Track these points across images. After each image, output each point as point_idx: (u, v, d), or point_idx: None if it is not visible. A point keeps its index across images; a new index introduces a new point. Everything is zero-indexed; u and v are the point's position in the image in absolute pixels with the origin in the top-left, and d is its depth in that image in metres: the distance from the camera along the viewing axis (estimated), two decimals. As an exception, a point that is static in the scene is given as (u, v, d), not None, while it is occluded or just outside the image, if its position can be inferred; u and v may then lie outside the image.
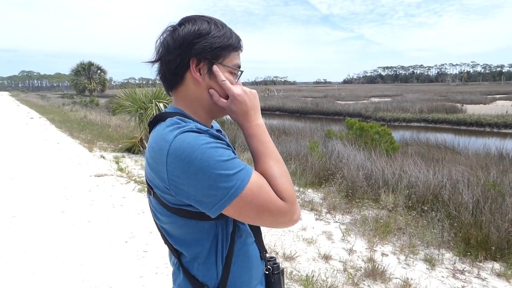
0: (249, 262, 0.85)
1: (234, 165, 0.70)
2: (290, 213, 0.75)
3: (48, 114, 17.96)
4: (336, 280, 2.70)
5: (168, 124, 0.75)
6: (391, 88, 68.08)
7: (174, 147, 0.69)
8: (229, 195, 0.69)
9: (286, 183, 0.76)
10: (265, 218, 0.74)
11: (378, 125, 8.15)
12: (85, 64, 45.65)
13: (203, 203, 0.70)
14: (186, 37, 0.78)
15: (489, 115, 18.67)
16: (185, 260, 0.82)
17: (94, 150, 8.15)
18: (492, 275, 2.85)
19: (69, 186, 5.17)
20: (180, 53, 0.78)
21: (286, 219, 0.75)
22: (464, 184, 4.31)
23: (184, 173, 0.68)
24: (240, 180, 0.69)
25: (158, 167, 0.72)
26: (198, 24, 0.80)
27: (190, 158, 0.68)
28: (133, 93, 7.64)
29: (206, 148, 0.69)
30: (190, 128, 0.72)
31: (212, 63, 0.80)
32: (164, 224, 0.82)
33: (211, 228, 0.78)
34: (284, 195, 0.74)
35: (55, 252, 3.10)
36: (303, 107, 27.00)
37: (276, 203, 0.73)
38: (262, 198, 0.72)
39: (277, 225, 0.77)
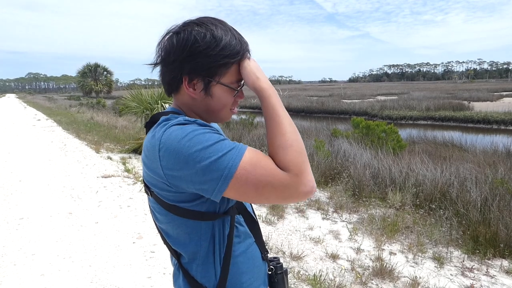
0: (249, 263, 0.84)
1: (223, 147, 0.68)
2: (295, 184, 0.68)
3: (55, 116, 18.14)
4: (344, 279, 2.69)
5: (160, 122, 0.76)
6: (397, 86, 67.60)
7: (163, 141, 0.70)
8: (223, 177, 0.67)
9: (290, 153, 0.70)
10: (268, 194, 0.69)
11: (384, 124, 8.10)
12: (92, 65, 46.05)
13: (203, 189, 0.70)
14: (178, 53, 0.76)
15: (496, 112, 18.47)
16: (184, 261, 0.82)
17: (101, 151, 8.21)
18: (501, 273, 2.82)
19: (76, 187, 5.22)
20: (173, 68, 0.78)
21: (291, 192, 0.69)
22: (472, 182, 4.27)
23: (177, 164, 0.68)
24: (231, 160, 0.67)
25: (153, 164, 0.73)
26: (192, 36, 0.75)
27: (178, 148, 0.68)
28: (139, 94, 7.68)
29: (192, 136, 0.68)
30: (178, 121, 0.72)
31: (208, 81, 0.78)
32: (163, 224, 0.82)
33: (208, 228, 0.78)
34: (286, 165, 0.69)
35: (63, 254, 3.13)
36: (309, 106, 26.93)
37: (276, 175, 0.68)
38: (259, 173, 0.67)
39: (285, 200, 0.71)
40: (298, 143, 0.72)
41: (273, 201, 0.72)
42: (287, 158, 0.69)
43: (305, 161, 0.71)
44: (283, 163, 0.69)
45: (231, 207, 0.81)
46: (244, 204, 0.87)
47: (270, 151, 0.72)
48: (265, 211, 4.13)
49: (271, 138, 0.73)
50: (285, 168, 0.69)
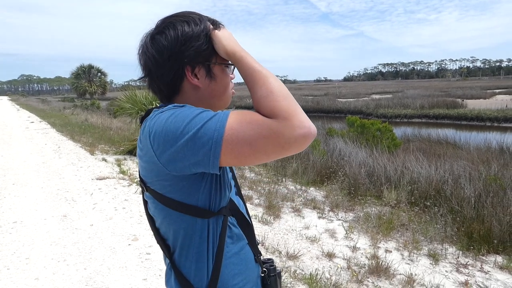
0: (241, 265, 0.84)
1: (208, 114, 0.68)
2: (288, 128, 0.64)
3: (49, 118, 17.98)
4: (340, 278, 2.70)
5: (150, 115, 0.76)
6: (392, 85, 68.00)
7: (151, 126, 0.71)
8: (213, 141, 0.65)
9: (273, 100, 0.67)
10: (264, 147, 0.66)
11: (379, 122, 8.15)
12: (85, 67, 45.71)
13: (199, 161, 0.68)
14: (172, 47, 0.76)
15: (489, 110, 18.68)
16: (176, 260, 0.82)
17: (96, 153, 8.16)
18: (495, 268, 2.85)
19: (71, 190, 5.18)
20: (172, 65, 0.77)
21: (286, 138, 0.65)
22: (466, 179, 4.31)
23: (167, 143, 0.67)
24: (218, 123, 0.66)
25: (148, 154, 0.72)
26: (178, 28, 0.76)
27: (165, 128, 0.68)
28: (134, 96, 7.65)
29: (178, 113, 0.69)
30: (167, 108, 0.72)
31: (208, 65, 0.80)
32: (158, 220, 0.82)
33: (203, 227, 0.78)
34: (271, 112, 0.66)
35: (57, 257, 3.10)
36: (304, 106, 26.93)
37: (263, 124, 0.65)
38: (247, 128, 0.65)
39: (284, 149, 0.66)
40: (280, 88, 0.70)
41: (272, 154, 0.67)
42: (270, 105, 0.67)
43: (291, 103, 0.67)
44: (267, 111, 0.67)
45: (224, 207, 0.81)
46: (238, 205, 0.87)
47: (254, 106, 0.71)
48: (261, 211, 4.13)
49: (252, 94, 0.71)
50: (271, 116, 0.66)
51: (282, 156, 0.70)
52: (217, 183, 0.78)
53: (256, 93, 0.70)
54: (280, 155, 0.68)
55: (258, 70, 0.73)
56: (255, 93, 0.71)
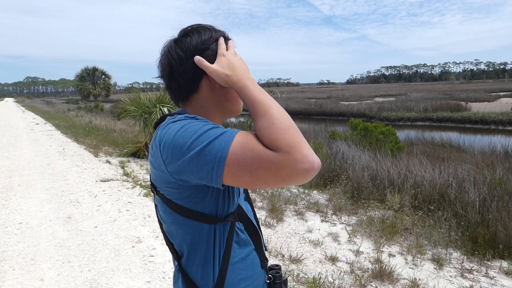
0: (247, 270, 0.85)
1: (215, 132, 0.69)
2: (289, 162, 0.64)
3: (54, 120, 18.12)
4: (344, 282, 2.70)
5: (165, 122, 0.80)
6: (395, 88, 67.81)
7: (162, 136, 0.74)
8: (217, 161, 0.66)
9: (274, 132, 0.66)
10: (264, 177, 0.66)
11: (382, 125, 8.13)
12: (90, 69, 45.98)
13: (203, 177, 0.69)
14: (196, 46, 0.81)
15: (493, 113, 18.55)
16: (184, 263, 0.84)
17: (100, 155, 8.21)
18: (500, 274, 2.83)
19: (75, 191, 5.21)
20: (193, 63, 0.81)
21: (287, 171, 0.65)
22: (470, 183, 4.29)
23: (175, 155, 0.70)
24: (222, 143, 0.67)
25: (157, 161, 0.75)
26: (202, 33, 0.83)
27: (174, 140, 0.70)
28: (138, 98, 7.70)
29: (188, 127, 0.71)
30: (178, 118, 0.76)
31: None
32: (167, 224, 0.84)
33: (210, 232, 0.80)
34: (273, 144, 0.66)
35: (62, 258, 3.12)
36: (307, 109, 27.00)
37: (264, 156, 0.65)
38: (248, 156, 0.66)
39: (284, 181, 0.67)
40: (282, 120, 0.69)
41: (272, 184, 0.68)
42: (271, 138, 0.66)
43: (295, 136, 0.67)
44: (268, 142, 0.66)
45: (231, 212, 0.82)
46: (246, 211, 0.88)
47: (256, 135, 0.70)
48: (264, 214, 4.13)
49: (254, 124, 0.71)
50: (272, 148, 0.66)
51: (284, 186, 0.72)
52: (225, 191, 0.79)
53: (257, 124, 0.70)
54: (281, 185, 0.69)
55: (259, 100, 0.72)
56: (256, 123, 0.71)
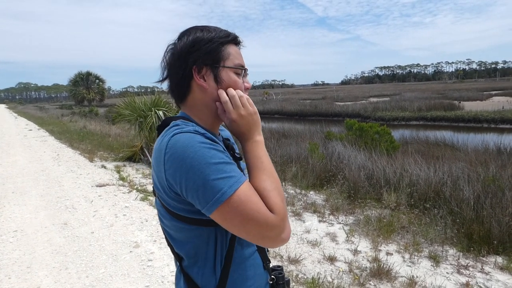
0: (250, 271, 0.85)
1: (225, 169, 0.71)
2: (279, 228, 0.72)
3: (47, 125, 17.97)
4: (342, 281, 2.71)
5: (170, 126, 0.80)
6: (389, 88, 68.28)
7: (170, 145, 0.72)
8: (215, 199, 0.69)
9: (277, 197, 0.74)
10: (251, 229, 0.71)
11: (377, 125, 8.18)
12: (83, 74, 45.68)
13: (195, 202, 0.72)
14: (183, 49, 0.82)
15: (486, 111, 18.77)
16: (185, 264, 0.83)
17: (95, 160, 8.16)
18: (495, 269, 2.86)
19: (71, 197, 5.17)
20: (181, 64, 0.82)
21: (273, 233, 0.72)
22: (464, 180, 4.33)
23: (178, 171, 0.70)
24: (228, 185, 0.69)
25: (159, 167, 0.75)
26: (192, 34, 0.83)
27: (183, 156, 0.70)
28: (133, 102, 7.67)
29: (200, 148, 0.70)
30: (188, 130, 0.75)
31: (215, 67, 0.83)
32: (167, 227, 0.84)
33: (211, 234, 0.79)
34: (274, 208, 0.72)
35: (59, 265, 3.10)
36: (302, 110, 27.06)
37: (264, 214, 0.71)
38: (249, 207, 0.70)
39: (263, 240, 0.74)
40: (280, 187, 0.78)
41: (252, 237, 0.73)
42: (273, 200, 0.73)
43: (285, 207, 0.76)
44: (269, 204, 0.73)
45: None
46: None
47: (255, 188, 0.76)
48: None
49: (256, 181, 0.77)
50: (271, 210, 0.72)
51: (253, 242, 0.77)
52: None
53: (261, 182, 0.76)
54: (256, 242, 0.75)
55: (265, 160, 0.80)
56: (259, 181, 0.76)
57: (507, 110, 19.04)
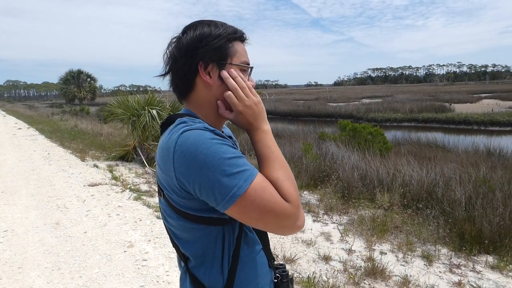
0: (256, 270, 0.84)
1: (239, 163, 0.70)
2: (295, 216, 0.73)
3: (37, 124, 17.69)
4: (337, 280, 2.73)
5: (176, 124, 0.78)
6: (381, 89, 68.94)
7: (180, 143, 0.70)
8: (231, 193, 0.68)
9: (291, 186, 0.75)
10: (269, 220, 0.72)
11: (370, 126, 8.25)
12: (74, 72, 45.14)
13: (210, 200, 0.71)
14: (189, 44, 0.80)
15: (476, 114, 19.10)
16: (192, 265, 0.82)
17: (87, 159, 8.06)
18: (486, 268, 2.91)
19: (62, 197, 5.10)
20: (187, 60, 0.80)
21: (290, 222, 0.73)
22: (456, 181, 4.40)
23: (190, 169, 0.69)
24: (243, 179, 0.69)
25: (166, 166, 0.73)
26: (199, 29, 0.81)
27: (195, 154, 0.68)
28: (126, 101, 7.60)
29: (211, 144, 0.69)
30: (197, 127, 0.73)
31: (221, 64, 0.81)
32: (173, 227, 0.82)
33: (219, 233, 0.78)
34: (289, 197, 0.73)
35: (51, 266, 3.05)
36: (295, 110, 27.14)
37: (281, 204, 0.72)
38: (266, 199, 0.70)
39: (281, 229, 0.75)
40: (292, 176, 0.79)
41: (270, 228, 0.74)
42: (289, 190, 0.74)
43: (298, 194, 0.77)
44: (285, 194, 0.74)
45: None
46: None
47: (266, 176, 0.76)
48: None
49: (267, 171, 0.77)
50: (287, 199, 0.73)
51: (271, 232, 0.77)
52: None
53: (273, 172, 0.76)
54: (275, 231, 0.76)
55: (275, 150, 0.81)
56: (271, 171, 0.76)
57: (496, 113, 19.41)
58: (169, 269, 2.95)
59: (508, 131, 16.34)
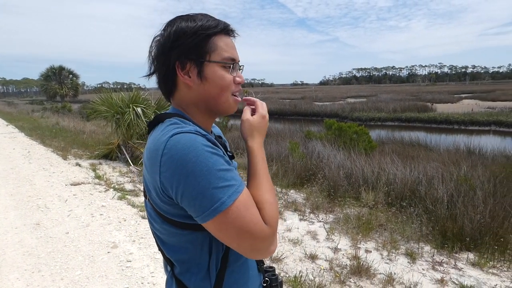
0: (245, 274, 0.83)
1: (226, 177, 0.67)
2: (270, 240, 0.71)
3: (17, 121, 17.13)
4: (324, 279, 2.74)
5: (166, 124, 0.74)
6: (366, 89, 70.01)
7: (169, 146, 0.67)
8: (213, 207, 0.65)
9: (273, 210, 0.74)
10: (244, 241, 0.69)
11: (355, 125, 8.35)
12: (56, 68, 43.84)
13: (190, 210, 0.68)
14: (165, 43, 0.76)
15: (457, 114, 19.66)
16: (177, 271, 0.79)
17: (69, 157, 7.86)
18: (467, 265, 2.99)
19: (43, 196, 4.95)
20: (164, 60, 0.77)
21: (265, 245, 0.71)
22: (438, 180, 4.50)
23: (176, 175, 0.65)
24: (227, 195, 0.66)
25: (153, 168, 0.70)
26: (175, 25, 0.77)
27: (183, 160, 0.65)
28: (109, 98, 7.44)
29: (202, 151, 0.66)
30: (189, 130, 0.70)
31: (200, 62, 0.76)
32: (158, 231, 0.79)
33: (205, 239, 0.76)
34: (269, 220, 0.71)
35: (31, 268, 2.96)
36: (282, 109, 27.24)
37: (260, 226, 0.70)
38: (247, 219, 0.68)
39: (253, 252, 0.72)
40: (276, 199, 0.77)
41: (243, 248, 0.71)
42: (271, 213, 0.72)
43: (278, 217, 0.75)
44: (266, 216, 0.72)
45: None
46: None
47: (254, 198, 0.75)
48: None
49: (254, 190, 0.75)
50: (266, 222, 0.71)
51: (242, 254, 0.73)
52: None
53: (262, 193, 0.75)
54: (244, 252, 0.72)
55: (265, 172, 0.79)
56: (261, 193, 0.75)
57: (476, 113, 20.02)
58: (154, 270, 2.91)
59: (487, 131, 16.90)
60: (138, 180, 5.85)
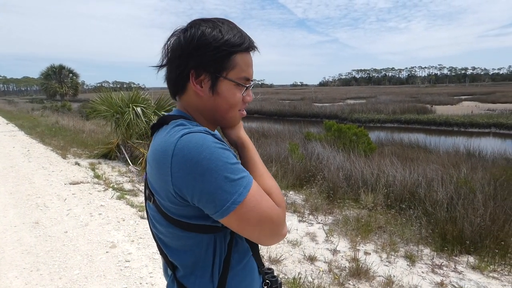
0: (246, 277, 0.83)
1: (239, 169, 0.69)
2: (284, 222, 0.76)
3: (17, 120, 17.12)
4: (323, 281, 2.74)
5: (172, 126, 0.73)
6: (365, 90, 70.06)
7: (180, 147, 0.66)
8: (232, 200, 0.66)
9: (280, 193, 0.79)
10: (265, 226, 0.71)
11: (355, 127, 8.35)
12: (56, 67, 43.79)
13: (207, 207, 0.68)
14: (185, 48, 0.74)
15: (456, 115, 19.67)
16: (180, 274, 0.79)
17: (68, 156, 7.85)
18: (467, 268, 2.99)
19: (42, 195, 4.94)
20: (180, 63, 0.76)
21: (281, 228, 0.75)
22: (438, 182, 4.50)
23: (191, 174, 0.65)
24: (243, 186, 0.68)
25: (161, 170, 0.69)
26: (200, 31, 0.74)
27: (198, 158, 0.65)
28: (109, 97, 7.43)
29: (215, 148, 0.67)
30: (198, 130, 0.70)
31: (215, 77, 0.76)
32: (161, 234, 0.78)
33: (210, 242, 0.76)
34: (279, 203, 0.76)
35: (30, 266, 2.95)
36: (281, 110, 27.23)
37: (275, 209, 0.73)
38: (265, 205, 0.71)
39: (272, 236, 0.74)
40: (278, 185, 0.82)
41: (263, 235, 0.73)
42: (278, 197, 0.77)
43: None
44: (276, 201, 0.76)
45: None
46: None
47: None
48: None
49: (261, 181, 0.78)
50: (278, 205, 0.75)
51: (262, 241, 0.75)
52: None
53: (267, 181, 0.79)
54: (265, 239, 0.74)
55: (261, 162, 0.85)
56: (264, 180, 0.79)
57: (476, 115, 20.04)
58: (153, 270, 2.90)
59: (487, 133, 16.90)
60: (137, 180, 5.84)
